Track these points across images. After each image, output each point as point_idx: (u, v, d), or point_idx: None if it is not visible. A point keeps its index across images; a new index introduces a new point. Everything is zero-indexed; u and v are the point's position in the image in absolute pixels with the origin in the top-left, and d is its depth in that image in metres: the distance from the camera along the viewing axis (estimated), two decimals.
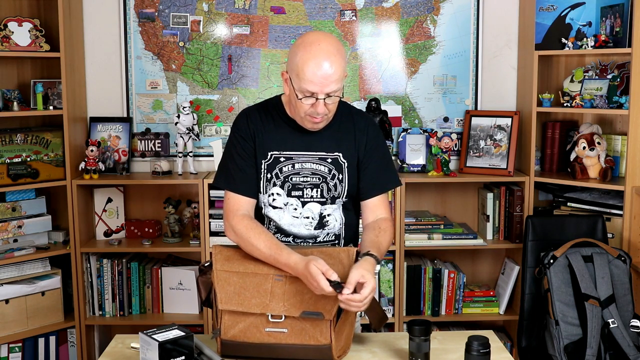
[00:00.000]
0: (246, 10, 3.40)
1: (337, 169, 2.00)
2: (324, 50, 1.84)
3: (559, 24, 3.21)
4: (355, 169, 2.03)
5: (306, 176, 1.99)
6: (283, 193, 2.00)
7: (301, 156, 1.99)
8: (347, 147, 2.01)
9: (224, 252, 1.90)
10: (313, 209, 2.01)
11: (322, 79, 1.84)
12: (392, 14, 3.44)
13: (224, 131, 3.48)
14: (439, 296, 3.32)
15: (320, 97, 1.86)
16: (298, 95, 1.87)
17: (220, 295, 1.83)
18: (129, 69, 3.43)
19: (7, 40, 3.07)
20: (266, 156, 1.99)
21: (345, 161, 2.01)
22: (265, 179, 1.99)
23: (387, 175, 2.07)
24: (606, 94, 3.10)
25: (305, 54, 1.84)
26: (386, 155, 2.09)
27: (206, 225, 3.19)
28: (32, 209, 3.29)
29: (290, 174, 1.99)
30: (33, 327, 3.21)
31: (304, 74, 1.83)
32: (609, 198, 3.15)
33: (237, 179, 1.98)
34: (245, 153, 1.99)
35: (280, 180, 1.99)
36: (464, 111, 3.50)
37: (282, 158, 1.99)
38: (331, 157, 2.00)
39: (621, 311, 2.68)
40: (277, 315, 1.81)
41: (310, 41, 1.86)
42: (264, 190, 2.00)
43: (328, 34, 1.94)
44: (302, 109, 1.90)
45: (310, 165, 1.99)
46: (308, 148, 1.99)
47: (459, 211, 3.56)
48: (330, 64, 1.83)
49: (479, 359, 1.69)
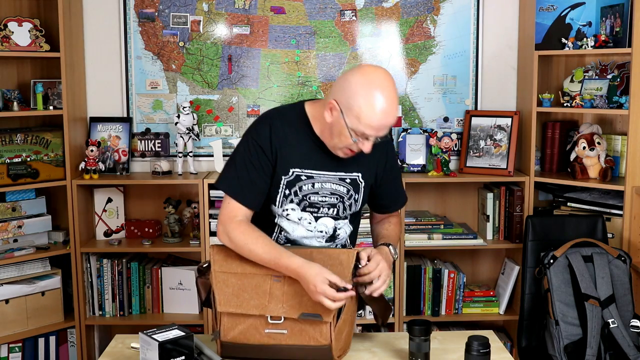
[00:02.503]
0: (246, 10, 3.40)
1: (355, 189, 1.98)
2: (389, 98, 1.76)
3: (559, 24, 3.21)
4: (370, 187, 2.02)
5: (325, 196, 1.95)
6: (298, 209, 1.95)
7: (322, 176, 1.94)
8: (367, 167, 1.98)
9: (221, 252, 1.88)
10: (327, 223, 1.99)
11: (383, 127, 1.79)
12: (392, 14, 3.44)
13: (224, 131, 3.48)
14: (439, 296, 3.32)
15: (371, 139, 1.82)
16: (351, 135, 1.79)
17: (219, 297, 1.82)
18: (129, 69, 3.43)
19: (7, 40, 3.07)
20: (287, 172, 1.91)
21: (363, 181, 1.99)
22: (282, 194, 1.93)
23: (402, 190, 2.17)
24: (606, 94, 3.10)
25: (370, 99, 1.75)
26: (399, 170, 2.16)
27: (206, 225, 3.18)
28: (32, 209, 3.29)
29: (310, 192, 1.94)
30: (33, 327, 3.21)
31: (365, 119, 1.76)
32: (609, 198, 3.15)
33: (245, 189, 1.89)
34: (260, 165, 1.89)
35: (298, 197, 1.93)
36: (464, 111, 3.50)
37: (303, 176, 1.92)
38: (350, 177, 1.97)
39: (621, 311, 2.68)
40: (277, 316, 1.81)
41: (375, 84, 1.76)
42: (279, 205, 1.94)
43: (388, 75, 1.81)
44: (345, 143, 1.83)
45: (330, 185, 1.95)
46: (329, 168, 1.94)
47: (459, 211, 3.56)
48: (394, 114, 1.78)
49: (479, 359, 1.69)
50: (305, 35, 3.42)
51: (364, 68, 1.82)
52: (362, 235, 2.47)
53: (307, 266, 1.77)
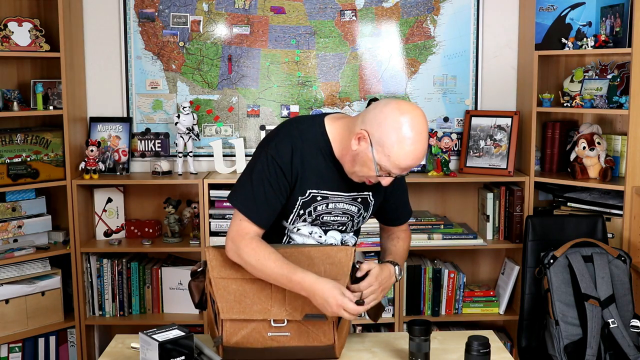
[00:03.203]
0: (246, 10, 3.40)
1: (365, 208, 1.98)
2: (422, 141, 1.74)
3: (559, 24, 3.21)
4: (378, 203, 2.02)
5: (337, 215, 1.95)
6: (309, 225, 1.95)
7: (336, 196, 1.92)
8: (379, 186, 1.92)
9: (218, 257, 1.86)
10: (335, 236, 1.99)
11: (410, 168, 1.78)
12: (392, 14, 3.44)
13: (224, 131, 3.48)
14: (439, 296, 3.32)
15: (394, 176, 1.80)
16: (377, 170, 1.77)
17: (221, 304, 1.81)
18: (129, 69, 3.43)
19: (7, 40, 3.07)
20: (305, 193, 1.87)
21: (373, 200, 1.98)
22: (296, 214, 1.90)
23: (408, 204, 2.16)
24: (606, 94, 3.10)
25: (404, 142, 1.71)
26: (406, 186, 2.13)
27: (206, 225, 3.18)
28: (32, 209, 3.29)
29: (323, 213, 1.93)
30: (33, 327, 3.21)
31: (395, 160, 1.73)
32: (609, 198, 3.15)
33: (260, 209, 1.83)
34: (278, 186, 1.83)
35: (311, 217, 1.92)
36: (464, 111, 3.50)
37: (319, 197, 1.89)
38: (361, 196, 1.95)
39: (621, 311, 2.68)
40: (280, 319, 1.81)
41: (411, 127, 1.72)
42: (291, 222, 1.92)
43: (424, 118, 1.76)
44: (367, 174, 1.81)
45: (343, 205, 1.94)
46: (343, 188, 1.92)
47: (459, 211, 3.56)
48: (423, 156, 1.77)
49: (479, 359, 1.69)
50: (305, 35, 3.42)
51: (402, 106, 1.75)
52: (362, 235, 2.48)
53: (322, 281, 1.74)
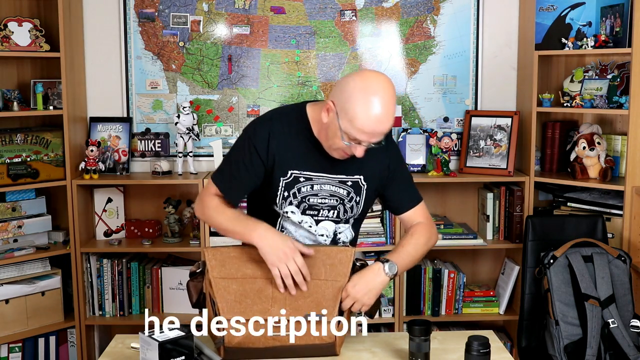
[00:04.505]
0: (246, 10, 3.40)
1: (356, 192, 1.97)
2: (385, 106, 1.75)
3: (559, 24, 3.21)
4: (375, 190, 2.01)
5: (324, 198, 1.95)
6: (298, 212, 1.97)
7: (321, 178, 1.94)
8: (370, 169, 1.96)
9: (217, 256, 1.86)
10: (327, 227, 2.00)
11: (375, 133, 1.78)
12: (392, 14, 3.44)
13: (224, 131, 3.47)
14: (439, 296, 3.32)
15: (364, 145, 1.81)
16: (343, 137, 1.80)
17: (222, 304, 1.81)
18: (129, 69, 3.42)
19: (7, 40, 3.07)
20: (286, 174, 1.92)
21: (365, 184, 1.98)
22: (282, 196, 1.94)
23: (413, 189, 2.08)
24: (606, 94, 3.10)
25: (365, 105, 1.74)
26: (407, 171, 2.10)
27: (206, 225, 3.18)
28: (32, 209, 3.29)
29: (309, 194, 1.94)
30: (33, 327, 3.21)
31: (358, 124, 1.75)
32: (609, 198, 3.15)
33: (232, 185, 1.95)
34: (252, 165, 1.92)
35: (297, 200, 1.94)
36: (464, 111, 3.50)
37: (301, 178, 1.93)
38: (352, 180, 1.96)
39: (621, 311, 2.68)
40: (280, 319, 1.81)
41: (372, 90, 1.75)
42: (279, 206, 1.96)
43: (388, 81, 1.79)
44: (339, 145, 1.83)
45: (330, 187, 1.95)
46: (329, 170, 1.94)
47: (459, 211, 3.56)
48: (388, 120, 1.77)
49: (479, 359, 1.69)
50: (305, 35, 3.42)
51: (365, 73, 1.83)
52: (361, 235, 2.48)
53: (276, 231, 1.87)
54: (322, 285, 1.84)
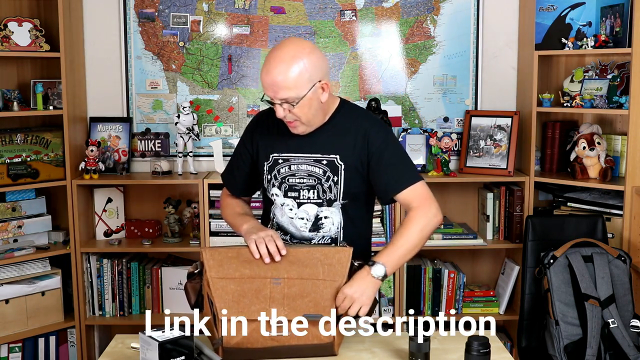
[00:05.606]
0: (246, 10, 3.40)
1: (332, 171, 1.99)
2: (276, 57, 1.86)
3: (559, 24, 3.21)
4: (357, 172, 1.99)
5: (302, 177, 2.01)
6: (280, 194, 2.04)
7: (297, 158, 2.01)
8: (347, 148, 1.98)
9: (215, 256, 1.87)
10: (309, 210, 2.02)
11: (272, 85, 1.86)
12: (392, 14, 3.44)
13: (224, 131, 3.48)
14: (439, 296, 3.32)
15: (276, 102, 1.89)
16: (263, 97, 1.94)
17: (219, 304, 1.81)
18: (129, 69, 3.43)
19: (7, 40, 3.07)
20: (268, 158, 2.05)
21: (342, 163, 1.99)
22: (267, 180, 2.06)
23: (402, 171, 1.97)
24: (606, 94, 3.10)
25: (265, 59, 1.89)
26: (396, 152, 1.99)
27: (206, 225, 3.19)
28: (32, 209, 3.29)
29: (287, 175, 2.02)
30: (33, 327, 3.21)
31: (261, 79, 1.89)
32: (609, 198, 3.15)
33: (230, 178, 2.19)
34: (241, 155, 2.13)
35: (277, 181, 2.03)
36: (464, 111, 3.50)
37: (280, 159, 2.03)
38: (327, 158, 2.00)
39: (621, 311, 2.68)
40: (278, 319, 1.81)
41: (274, 47, 1.90)
42: (268, 190, 2.08)
43: (296, 40, 1.96)
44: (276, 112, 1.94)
45: (306, 167, 2.01)
46: (304, 149, 2.01)
47: (459, 211, 3.56)
48: (279, 71, 1.84)
49: (479, 359, 1.69)
50: (305, 35, 3.42)
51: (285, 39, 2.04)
52: None
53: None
54: (320, 285, 1.84)
